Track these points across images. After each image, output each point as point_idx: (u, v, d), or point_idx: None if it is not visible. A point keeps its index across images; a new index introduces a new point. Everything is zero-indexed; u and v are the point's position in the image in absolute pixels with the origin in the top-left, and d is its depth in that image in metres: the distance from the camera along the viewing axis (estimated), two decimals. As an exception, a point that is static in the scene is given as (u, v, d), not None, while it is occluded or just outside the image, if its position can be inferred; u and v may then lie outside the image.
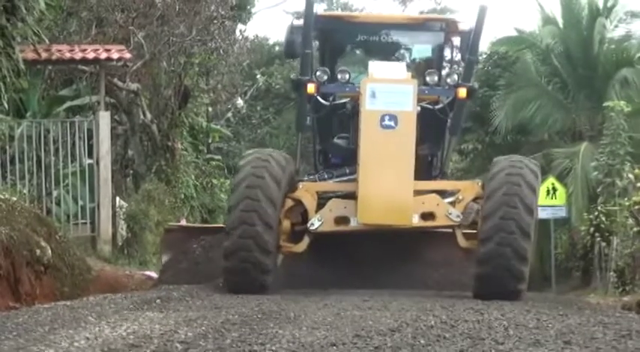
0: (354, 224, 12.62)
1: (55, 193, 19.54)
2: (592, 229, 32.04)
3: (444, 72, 14.40)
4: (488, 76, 42.49)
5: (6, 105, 15.47)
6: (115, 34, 24.82)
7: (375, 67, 13.33)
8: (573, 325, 8.25)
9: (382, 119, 12.44)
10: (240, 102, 34.90)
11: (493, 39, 43.76)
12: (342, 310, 9.06)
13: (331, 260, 13.38)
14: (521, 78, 41.50)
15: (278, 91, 45.80)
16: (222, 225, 14.64)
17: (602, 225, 31.23)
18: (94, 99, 22.80)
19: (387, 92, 12.59)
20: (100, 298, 11.11)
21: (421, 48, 15.62)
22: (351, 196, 12.69)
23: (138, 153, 27.03)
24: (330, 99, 13.83)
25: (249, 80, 41.91)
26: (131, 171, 27.46)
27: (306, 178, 14.18)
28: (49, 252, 12.62)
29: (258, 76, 45.19)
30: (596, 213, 31.84)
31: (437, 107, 13.90)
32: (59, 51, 21.02)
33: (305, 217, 12.89)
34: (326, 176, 14.02)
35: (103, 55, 21.34)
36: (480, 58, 43.05)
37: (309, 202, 12.95)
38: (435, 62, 14.99)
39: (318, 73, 13.61)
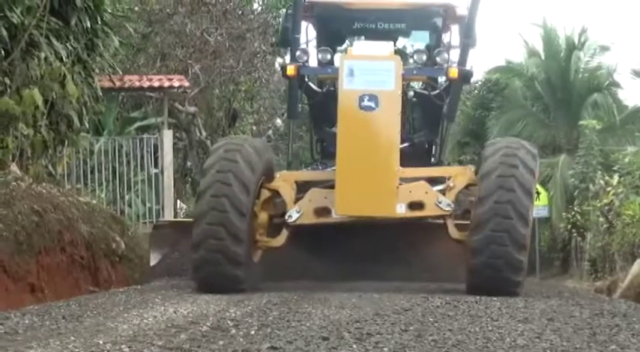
0: (335, 215, 10.08)
1: (127, 197, 19.59)
2: (569, 226, 32.15)
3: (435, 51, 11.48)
4: (482, 99, 42.55)
5: (87, 125, 15.49)
6: (176, 66, 24.91)
7: (358, 44, 11.33)
8: (555, 305, 8.22)
9: (361, 99, 9.80)
10: (278, 121, 34.84)
11: (487, 68, 43.83)
12: (363, 293, 9.02)
13: (326, 251, 11.07)
14: (511, 101, 41.51)
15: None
16: None
17: (578, 223, 31.28)
18: (159, 119, 22.83)
19: (367, 70, 9.94)
20: (164, 283, 11.12)
21: (419, 34, 12.80)
22: (333, 185, 10.00)
23: (195, 164, 27.08)
24: (327, 85, 11.73)
25: (286, 104, 41.94)
26: (189, 179, 27.50)
27: (304, 169, 12.33)
28: (123, 245, 12.64)
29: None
30: (573, 213, 31.91)
31: (433, 93, 11.67)
32: (130, 80, 21.12)
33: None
34: (320, 167, 11.69)
35: (166, 84, 21.43)
36: (476, 84, 43.31)
37: (287, 193, 10.45)
38: (433, 48, 11.87)
39: (297, 54, 11.10)
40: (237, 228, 9.51)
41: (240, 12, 26.66)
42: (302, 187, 10.64)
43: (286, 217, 10.29)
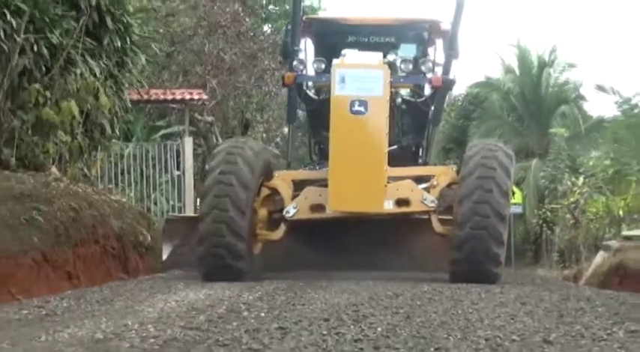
0: (328, 211, 9.82)
1: (152, 196, 19.60)
2: (541, 221, 32.15)
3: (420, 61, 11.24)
4: (465, 110, 42.59)
5: (118, 132, 15.49)
6: (196, 81, 24.92)
7: (350, 54, 11.09)
8: (528, 291, 8.21)
9: (352, 105, 9.52)
10: (286, 130, 34.89)
11: (468, 83, 43.89)
12: (360, 280, 9.02)
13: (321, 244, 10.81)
14: (489, 112, 41.52)
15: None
16: None
17: (548, 219, 31.27)
18: (180, 128, 22.86)
19: (357, 77, 9.65)
20: (185, 273, 11.08)
21: (407, 47, 12.47)
22: (327, 184, 9.78)
23: (212, 167, 27.08)
24: (323, 93, 11.29)
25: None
26: (207, 180, 27.44)
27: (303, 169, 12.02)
28: (149, 238, 12.62)
29: (299, 111, 45.11)
30: (544, 210, 31.90)
31: (419, 99, 11.52)
32: (156, 94, 21.12)
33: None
34: (317, 167, 11.38)
35: (187, 97, 21.45)
36: (459, 97, 43.33)
37: (285, 190, 10.23)
38: (419, 59, 11.54)
39: (294, 64, 10.98)
40: (238, 225, 9.29)
41: (252, 34, 26.66)
42: (298, 185, 10.46)
43: (284, 213, 10.10)
